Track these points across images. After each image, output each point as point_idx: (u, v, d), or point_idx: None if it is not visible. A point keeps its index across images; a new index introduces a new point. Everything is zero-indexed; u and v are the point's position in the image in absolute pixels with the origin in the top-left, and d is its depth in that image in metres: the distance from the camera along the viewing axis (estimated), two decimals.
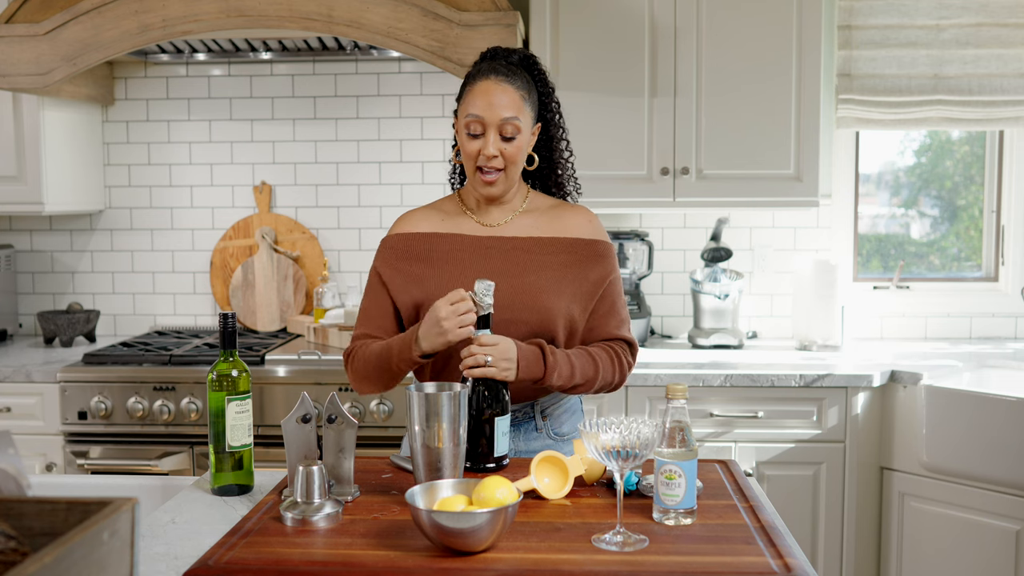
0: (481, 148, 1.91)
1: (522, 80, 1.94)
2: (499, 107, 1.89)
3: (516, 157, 1.93)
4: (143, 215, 3.68)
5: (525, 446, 1.96)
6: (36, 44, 2.94)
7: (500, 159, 1.91)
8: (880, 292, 3.58)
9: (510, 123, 1.90)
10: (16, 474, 1.14)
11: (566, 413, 2.03)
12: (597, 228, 2.03)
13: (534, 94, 1.97)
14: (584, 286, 1.96)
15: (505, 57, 1.98)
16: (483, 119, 1.90)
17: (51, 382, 3.03)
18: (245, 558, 1.39)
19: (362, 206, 3.62)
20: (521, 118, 1.91)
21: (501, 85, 1.90)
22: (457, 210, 2.04)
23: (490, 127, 1.90)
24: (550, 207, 2.05)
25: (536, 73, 2.00)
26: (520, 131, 1.91)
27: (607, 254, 2.01)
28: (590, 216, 2.04)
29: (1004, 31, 3.39)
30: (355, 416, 2.93)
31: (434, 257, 1.97)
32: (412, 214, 2.06)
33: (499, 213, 2.02)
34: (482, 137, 1.91)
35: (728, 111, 3.14)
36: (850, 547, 2.98)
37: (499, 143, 1.90)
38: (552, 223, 2.01)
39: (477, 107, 1.90)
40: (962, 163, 3.68)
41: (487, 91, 1.90)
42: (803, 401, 2.96)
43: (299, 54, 3.53)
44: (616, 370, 1.96)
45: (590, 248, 1.99)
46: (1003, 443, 2.74)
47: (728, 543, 1.44)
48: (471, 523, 1.36)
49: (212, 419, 1.74)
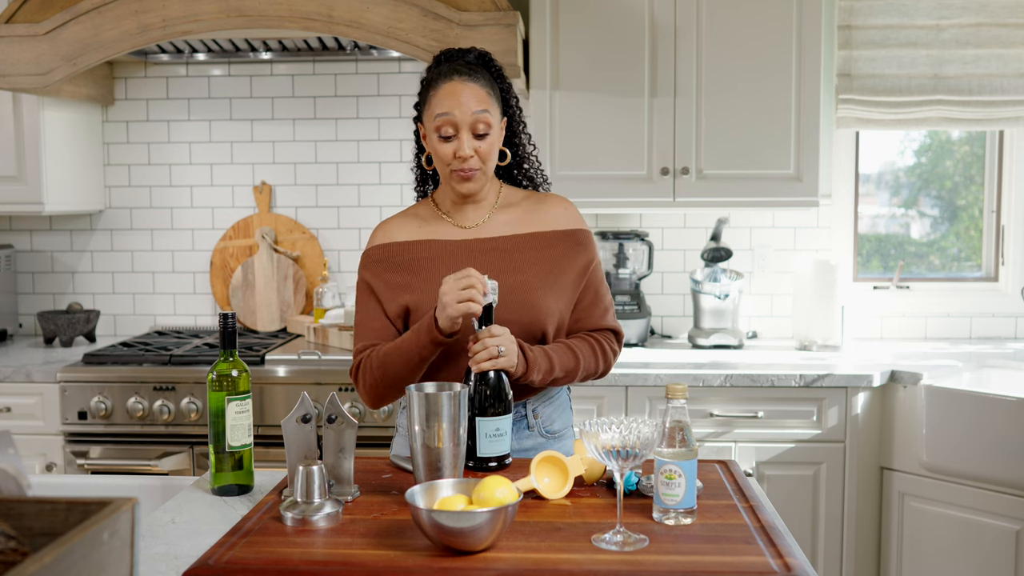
0: (456, 149, 1.90)
1: (484, 77, 1.94)
2: (468, 105, 1.89)
3: (490, 154, 1.93)
4: (143, 215, 3.68)
5: (518, 444, 1.96)
6: (36, 44, 2.94)
7: (476, 159, 1.91)
8: (880, 292, 3.58)
9: (481, 119, 1.89)
10: (16, 474, 1.14)
11: (557, 411, 2.03)
12: (574, 216, 2.03)
13: (496, 90, 1.97)
14: (570, 277, 1.97)
15: (461, 57, 1.97)
16: (455, 119, 1.89)
17: (51, 382, 3.03)
18: (245, 558, 1.39)
19: (362, 206, 3.62)
20: (491, 112, 1.91)
21: (467, 84, 1.90)
22: (432, 214, 2.03)
23: (462, 126, 1.89)
24: (524, 199, 2.04)
25: (494, 70, 2.00)
26: (491, 127, 1.91)
27: (587, 241, 2.01)
28: (566, 204, 2.04)
29: (1004, 31, 3.39)
30: (355, 416, 2.93)
31: (418, 265, 1.96)
32: (388, 223, 2.04)
33: (475, 212, 2.01)
34: (455, 138, 1.90)
35: (728, 111, 3.14)
36: (850, 547, 2.98)
37: (472, 142, 1.90)
38: (530, 216, 2.01)
39: (446, 107, 1.89)
40: (962, 163, 3.68)
41: (454, 91, 1.90)
42: (803, 401, 2.96)
43: (299, 54, 3.53)
44: (600, 359, 1.97)
45: (571, 238, 2.00)
46: (1003, 443, 2.74)
47: (728, 543, 1.44)
48: (471, 523, 1.36)
49: (212, 419, 1.74)
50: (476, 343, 1.78)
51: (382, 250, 2.00)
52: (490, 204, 2.02)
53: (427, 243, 1.99)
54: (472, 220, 2.00)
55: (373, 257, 2.00)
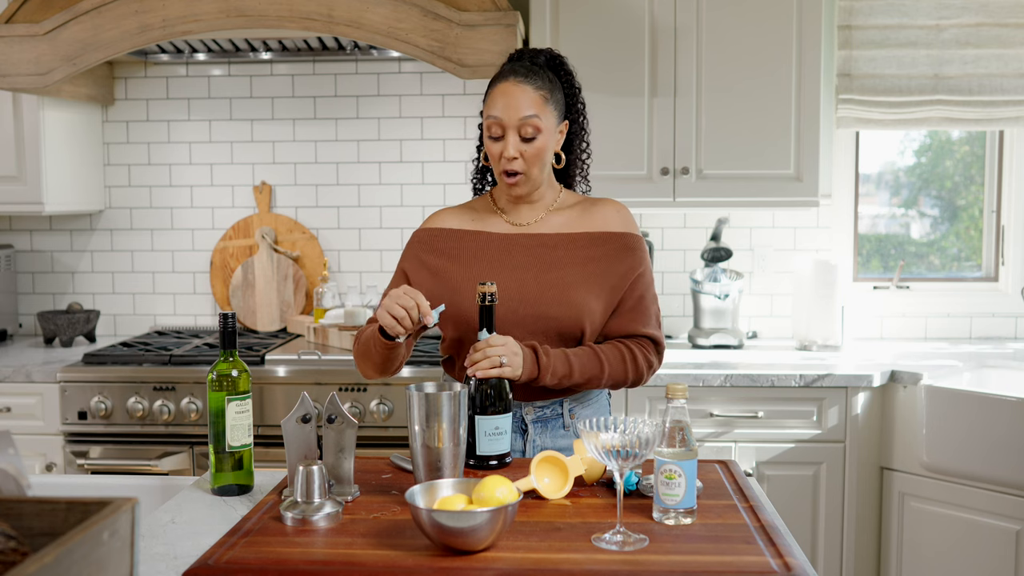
0: (502, 150, 1.92)
1: (543, 79, 1.93)
2: (516, 108, 1.89)
3: (537, 158, 1.93)
4: (143, 215, 3.68)
5: (552, 443, 1.96)
6: (36, 44, 2.94)
7: (520, 161, 1.92)
8: (880, 292, 3.58)
9: (528, 123, 1.89)
10: (16, 474, 1.14)
11: (594, 412, 2.02)
12: (626, 220, 2.02)
13: (558, 93, 1.96)
14: (611, 279, 1.95)
15: (531, 58, 1.98)
16: (501, 120, 1.91)
17: (51, 382, 3.03)
18: (245, 558, 1.39)
19: (362, 206, 3.62)
20: (542, 116, 1.91)
21: (520, 86, 1.91)
22: (488, 209, 2.05)
23: (509, 128, 1.90)
24: (579, 202, 2.05)
25: (563, 73, 2.00)
26: (540, 131, 1.91)
27: (637, 247, 2.00)
28: (619, 207, 2.04)
29: (1004, 31, 3.39)
30: (355, 416, 2.93)
31: (458, 253, 1.98)
32: (444, 211, 2.08)
33: (529, 212, 2.02)
34: (503, 139, 1.92)
35: (728, 111, 3.14)
36: (850, 547, 2.98)
37: (519, 144, 1.91)
38: (581, 218, 2.01)
39: (496, 109, 1.91)
40: (962, 163, 3.68)
41: (505, 92, 1.91)
42: (803, 401, 2.96)
43: (299, 54, 3.53)
44: (630, 368, 1.94)
45: (619, 240, 1.99)
46: (1003, 443, 2.74)
47: (728, 543, 1.44)
48: (471, 522, 1.36)
49: (212, 419, 1.74)
50: (476, 352, 1.78)
51: (428, 234, 2.04)
52: (546, 205, 2.03)
53: (473, 234, 2.01)
54: (526, 219, 2.02)
55: (418, 238, 2.04)
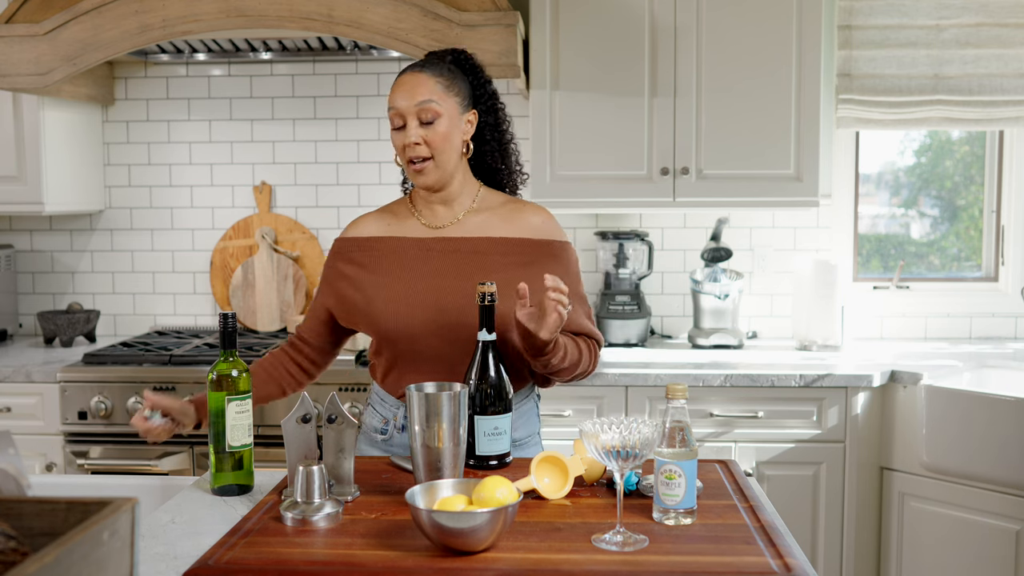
0: (404, 140, 1.91)
1: (441, 69, 1.93)
2: (412, 95, 1.89)
3: (443, 142, 1.90)
4: (143, 215, 3.68)
5: None
6: (36, 44, 2.94)
7: (424, 147, 1.90)
8: (880, 292, 3.58)
9: (426, 108, 1.88)
10: (16, 474, 1.14)
11: (521, 417, 2.00)
12: (552, 228, 1.99)
13: (460, 83, 1.94)
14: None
15: (436, 55, 1.99)
16: (400, 109, 1.90)
17: (51, 382, 3.03)
18: (245, 558, 1.39)
19: (362, 206, 3.62)
20: (440, 102, 1.89)
21: (416, 75, 1.91)
22: (406, 212, 2.02)
23: (408, 116, 1.90)
24: (502, 204, 2.01)
25: (468, 67, 1.99)
26: (440, 115, 1.89)
27: (561, 254, 1.97)
28: (545, 215, 2.00)
29: (1004, 31, 3.39)
30: (355, 416, 2.93)
31: (374, 261, 1.96)
32: (362, 218, 2.06)
33: (446, 212, 1.99)
34: (404, 129, 1.91)
35: (728, 111, 3.14)
36: (850, 547, 2.98)
37: (419, 129, 1.89)
38: (504, 222, 1.97)
39: (394, 99, 1.91)
40: (962, 163, 3.68)
41: (402, 83, 1.92)
42: (803, 401, 2.96)
43: (299, 54, 3.53)
44: (591, 360, 1.96)
45: (544, 249, 1.95)
46: (1003, 443, 2.74)
47: (728, 543, 1.44)
48: (471, 523, 1.36)
49: (212, 419, 1.74)
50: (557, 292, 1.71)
51: (345, 243, 2.03)
52: (464, 205, 1.99)
53: (388, 240, 1.98)
54: (443, 219, 1.99)
55: (335, 249, 2.04)
